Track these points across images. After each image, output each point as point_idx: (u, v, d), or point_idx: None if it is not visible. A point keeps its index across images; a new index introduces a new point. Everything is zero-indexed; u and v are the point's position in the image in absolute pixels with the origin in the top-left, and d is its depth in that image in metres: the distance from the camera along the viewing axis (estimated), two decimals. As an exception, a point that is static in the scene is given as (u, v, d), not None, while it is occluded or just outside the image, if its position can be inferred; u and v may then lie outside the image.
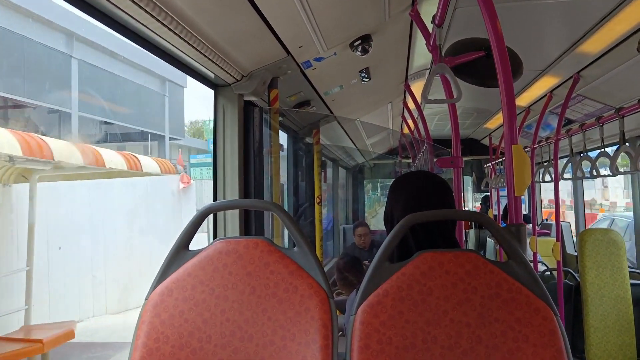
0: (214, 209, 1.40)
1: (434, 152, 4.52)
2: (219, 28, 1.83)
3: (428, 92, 1.93)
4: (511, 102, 1.32)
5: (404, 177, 1.54)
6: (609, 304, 3.44)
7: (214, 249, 1.25)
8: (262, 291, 1.21)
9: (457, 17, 2.34)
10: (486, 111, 4.93)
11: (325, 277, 1.23)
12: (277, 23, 2.00)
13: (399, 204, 1.42)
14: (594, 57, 2.65)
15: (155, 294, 1.24)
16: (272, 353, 1.17)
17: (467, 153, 6.92)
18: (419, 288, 1.14)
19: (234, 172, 2.32)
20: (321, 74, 2.87)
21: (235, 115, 2.33)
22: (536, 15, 2.38)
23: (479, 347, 1.10)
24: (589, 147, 3.56)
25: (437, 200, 1.40)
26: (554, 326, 1.10)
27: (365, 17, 2.45)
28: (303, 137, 4.28)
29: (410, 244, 1.34)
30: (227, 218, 2.32)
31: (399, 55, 3.28)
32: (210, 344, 1.19)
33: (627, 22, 2.15)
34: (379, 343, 1.12)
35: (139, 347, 1.20)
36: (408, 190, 1.43)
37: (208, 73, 2.13)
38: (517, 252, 1.16)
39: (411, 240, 1.34)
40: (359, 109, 4.62)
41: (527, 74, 3.04)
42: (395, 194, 1.45)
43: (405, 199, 1.41)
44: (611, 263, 3.48)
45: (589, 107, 3.43)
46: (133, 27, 1.59)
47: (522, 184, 1.27)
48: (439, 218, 1.31)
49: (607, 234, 3.58)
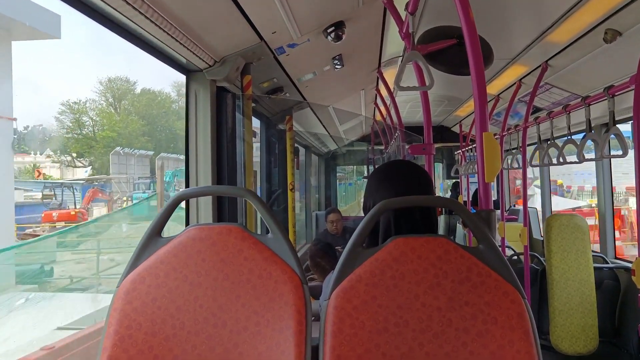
0: (186, 195, 1.39)
1: (406, 138, 4.56)
2: (190, 11, 1.80)
3: (401, 80, 1.94)
4: (482, 90, 1.34)
5: (387, 166, 1.53)
6: (573, 287, 3.55)
7: (187, 235, 1.25)
8: (235, 277, 1.21)
9: (430, 5, 2.35)
10: (457, 99, 4.99)
11: (299, 263, 1.23)
12: (250, 8, 1.98)
13: (384, 192, 1.39)
14: (561, 47, 2.70)
15: (127, 281, 1.23)
16: (246, 339, 1.18)
17: (438, 140, 7.00)
18: (392, 273, 1.16)
19: (206, 159, 2.30)
20: (294, 60, 2.86)
21: (208, 101, 2.30)
22: (507, 4, 2.41)
23: (449, 329, 1.12)
24: (556, 134, 3.65)
25: (422, 190, 1.40)
26: (521, 309, 1.13)
27: (339, 4, 2.44)
28: (276, 124, 4.26)
29: (392, 230, 1.35)
30: (199, 205, 2.31)
31: (372, 43, 3.28)
32: (184, 330, 1.19)
33: (594, 12, 2.20)
34: (352, 327, 1.13)
35: (111, 334, 1.19)
36: (393, 180, 1.42)
37: (179, 58, 2.10)
38: (487, 237, 1.19)
39: (393, 227, 1.35)
40: (332, 96, 4.62)
41: (497, 62, 3.08)
42: (377, 183, 1.43)
43: (389, 187, 1.39)
44: (576, 247, 3.60)
45: (556, 96, 3.51)
46: (100, 8, 1.54)
47: (493, 171, 1.30)
48: (411, 204, 1.32)
49: (572, 219, 3.69)
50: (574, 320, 3.53)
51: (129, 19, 1.60)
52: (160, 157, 32.98)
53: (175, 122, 40.83)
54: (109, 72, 49.50)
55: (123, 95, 38.73)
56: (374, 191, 1.43)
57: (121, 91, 38.73)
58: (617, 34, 2.28)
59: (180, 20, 1.78)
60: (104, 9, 1.54)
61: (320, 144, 7.64)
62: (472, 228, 1.21)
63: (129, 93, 39.30)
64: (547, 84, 3.36)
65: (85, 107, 35.94)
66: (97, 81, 41.31)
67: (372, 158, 7.74)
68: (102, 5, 1.50)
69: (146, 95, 39.97)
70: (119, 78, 38.73)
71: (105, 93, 38.04)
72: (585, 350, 3.51)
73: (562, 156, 3.45)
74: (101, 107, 37.56)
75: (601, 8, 2.15)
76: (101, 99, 37.92)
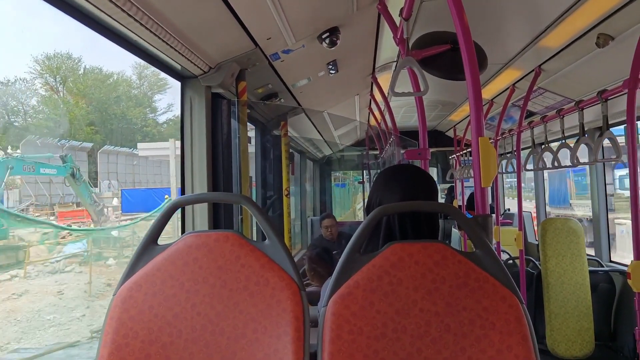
0: (182, 202, 1.39)
1: (401, 143, 4.57)
2: (185, 18, 1.79)
3: (395, 85, 1.94)
4: (478, 95, 1.35)
5: (393, 170, 1.53)
6: (568, 291, 3.56)
7: (183, 243, 1.24)
8: (233, 284, 1.20)
9: (424, 11, 2.36)
10: (451, 103, 5.01)
11: (297, 269, 1.23)
12: (245, 14, 1.98)
13: (392, 196, 1.39)
14: (554, 51, 2.72)
15: (124, 289, 1.22)
16: (244, 346, 1.17)
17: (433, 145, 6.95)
18: (389, 279, 1.15)
19: (202, 165, 2.29)
20: (289, 66, 2.86)
21: (203, 107, 2.30)
22: (499, 9, 2.42)
23: (447, 335, 1.12)
24: (550, 138, 3.66)
25: (427, 195, 1.39)
26: (519, 313, 1.13)
27: (334, 10, 2.45)
28: (271, 130, 4.26)
29: (397, 235, 1.35)
30: (195, 212, 2.30)
31: (366, 48, 3.29)
32: (181, 338, 1.18)
33: (587, 17, 2.22)
34: (350, 333, 1.13)
35: (108, 343, 1.18)
36: (399, 184, 1.42)
37: (174, 64, 2.09)
38: (484, 242, 1.19)
39: (398, 231, 1.35)
40: (326, 101, 4.63)
41: (491, 67, 3.10)
42: (383, 186, 1.43)
43: (395, 191, 1.39)
44: (571, 251, 3.61)
45: (549, 100, 3.53)
46: (95, 16, 1.54)
47: (489, 175, 1.30)
48: (407, 209, 1.32)
49: (567, 223, 3.70)
50: (570, 323, 3.53)
51: (124, 26, 1.60)
52: (104, 150, 28.88)
53: (132, 110, 35.28)
54: (48, 47, 41.19)
55: (66, 75, 33.03)
56: (380, 192, 1.43)
57: (63, 70, 32.89)
58: (610, 39, 2.30)
59: (175, 26, 1.78)
60: (98, 16, 1.53)
61: (315, 149, 7.64)
62: (468, 233, 1.21)
63: (73, 73, 33.59)
64: (540, 89, 3.38)
65: (15, 88, 30.01)
66: (32, 59, 33.61)
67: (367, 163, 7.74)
68: (96, 12, 1.49)
69: (92, 75, 34.24)
70: (60, 55, 32.81)
71: (42, 73, 32.27)
72: (581, 353, 3.52)
73: (557, 160, 3.47)
74: (34, 89, 31.68)
75: (594, 12, 2.17)
76: (37, 80, 31.83)
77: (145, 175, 32.31)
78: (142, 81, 37.83)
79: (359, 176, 12.24)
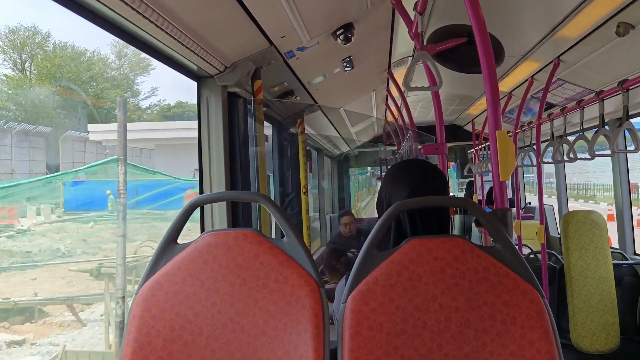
0: (201, 201, 1.40)
1: (418, 138, 4.55)
2: (200, 18, 1.81)
3: (410, 80, 1.93)
4: (494, 88, 1.33)
5: (402, 165, 1.52)
6: (592, 285, 3.50)
7: (202, 241, 1.25)
8: (252, 282, 1.21)
9: (439, 4, 2.34)
10: (468, 97, 4.96)
11: (315, 267, 1.23)
12: (259, 13, 1.99)
13: (400, 192, 1.38)
14: (573, 42, 2.67)
15: (145, 288, 1.24)
16: (264, 343, 1.18)
17: (451, 139, 6.96)
18: (408, 275, 1.15)
19: (220, 164, 2.31)
20: (304, 63, 2.86)
21: (220, 107, 2.31)
22: (516, 0, 2.39)
23: (468, 330, 1.11)
24: (569, 130, 3.61)
25: (436, 190, 1.38)
26: (541, 308, 1.12)
27: (348, 6, 2.44)
28: (288, 127, 4.28)
29: (407, 231, 1.34)
30: (214, 210, 2.32)
31: (381, 43, 3.28)
32: (202, 336, 1.19)
33: (605, 5, 2.18)
34: (369, 330, 1.13)
35: (130, 341, 1.20)
36: (410, 179, 1.40)
37: (190, 65, 2.11)
38: (504, 237, 1.18)
39: (408, 227, 1.34)
40: (342, 98, 4.62)
41: (508, 59, 3.05)
42: (393, 182, 1.42)
43: (406, 187, 1.38)
44: (594, 244, 3.54)
45: (569, 91, 3.47)
46: (111, 19, 1.56)
47: (507, 169, 1.29)
48: (426, 205, 1.31)
49: (590, 215, 3.63)
50: (594, 318, 3.47)
51: (140, 28, 1.61)
52: (66, 137, 23.09)
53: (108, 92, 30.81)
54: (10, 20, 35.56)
55: (33, 53, 29.13)
56: (389, 188, 1.42)
57: (27, 46, 29.09)
58: (630, 27, 2.25)
59: (190, 27, 1.79)
60: (114, 18, 1.55)
61: (332, 146, 7.64)
62: (487, 227, 1.20)
63: (39, 49, 29.54)
64: (559, 80, 3.33)
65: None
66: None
67: (384, 159, 7.72)
68: (112, 15, 1.52)
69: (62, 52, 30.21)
70: (24, 28, 28.78)
71: (4, 48, 28.63)
72: (606, 348, 3.46)
73: (573, 152, 3.41)
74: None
75: (613, 1, 2.12)
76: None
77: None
78: (122, 61, 34.02)
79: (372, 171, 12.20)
